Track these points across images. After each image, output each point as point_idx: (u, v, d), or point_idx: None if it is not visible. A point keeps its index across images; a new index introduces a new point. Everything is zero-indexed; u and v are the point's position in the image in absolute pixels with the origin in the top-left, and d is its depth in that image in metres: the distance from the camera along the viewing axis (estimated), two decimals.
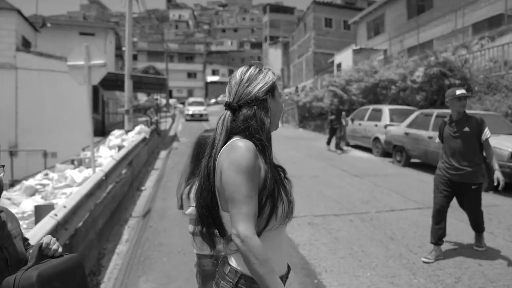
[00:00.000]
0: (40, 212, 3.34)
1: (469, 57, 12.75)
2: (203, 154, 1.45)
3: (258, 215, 1.26)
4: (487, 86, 10.90)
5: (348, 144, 13.52)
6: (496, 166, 3.74)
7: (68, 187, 6.34)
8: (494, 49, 12.07)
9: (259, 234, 1.25)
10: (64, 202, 3.82)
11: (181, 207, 2.24)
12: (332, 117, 12.41)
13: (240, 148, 1.26)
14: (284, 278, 1.38)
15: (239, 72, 1.44)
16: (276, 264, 1.29)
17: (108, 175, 5.76)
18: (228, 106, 1.40)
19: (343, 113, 12.63)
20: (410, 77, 12.86)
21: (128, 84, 12.52)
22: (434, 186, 4.01)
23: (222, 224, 1.36)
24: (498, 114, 9.03)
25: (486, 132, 3.80)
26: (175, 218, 5.47)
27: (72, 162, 9.40)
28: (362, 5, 33.74)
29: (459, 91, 3.83)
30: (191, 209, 2.01)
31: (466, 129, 3.80)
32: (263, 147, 1.31)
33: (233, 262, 1.33)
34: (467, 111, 4.12)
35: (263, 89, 1.37)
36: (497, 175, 3.66)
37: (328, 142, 12.73)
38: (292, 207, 1.35)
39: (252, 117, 1.33)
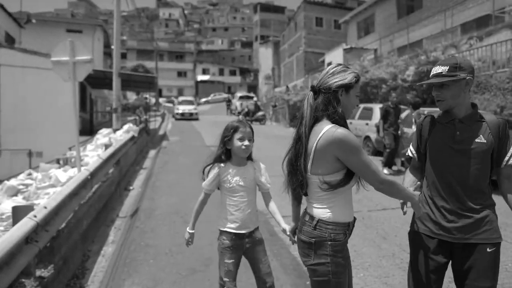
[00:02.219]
0: (18, 213, 3.17)
1: (458, 57, 12.81)
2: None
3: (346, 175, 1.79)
4: (476, 85, 10.95)
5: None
6: None
7: (52, 187, 6.14)
8: (482, 49, 12.15)
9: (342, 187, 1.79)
10: (45, 202, 3.65)
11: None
12: None
13: (345, 134, 1.75)
14: (351, 225, 1.85)
15: (330, 66, 1.90)
16: (347, 211, 1.84)
17: (93, 174, 5.59)
18: (312, 88, 1.88)
19: None
20: (401, 76, 12.89)
21: (116, 82, 12.29)
22: (410, 252, 2.19)
23: (307, 184, 1.84)
24: (487, 113, 9.05)
25: None
26: (163, 218, 5.33)
27: (58, 161, 9.17)
28: (352, 4, 33.88)
29: (435, 69, 2.03)
30: (204, 183, 2.41)
31: (480, 138, 1.94)
32: (342, 124, 1.79)
33: (312, 211, 1.83)
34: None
35: (338, 83, 1.79)
36: None
37: None
38: None
39: (328, 103, 1.80)
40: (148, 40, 56.25)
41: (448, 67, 1.93)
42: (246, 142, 2.33)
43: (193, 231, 2.49)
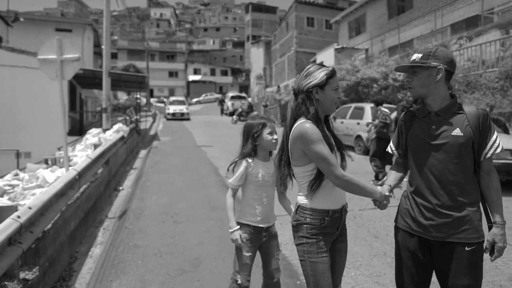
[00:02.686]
0: (1, 214, 3.08)
1: None
2: (247, 134, 2.46)
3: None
4: (466, 84, 11.04)
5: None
6: (498, 216, 1.91)
7: (39, 187, 6.02)
8: (472, 49, 12.26)
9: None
10: (29, 203, 3.56)
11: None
12: None
13: (306, 127, 1.91)
14: (331, 212, 1.96)
15: (306, 68, 2.05)
16: (327, 199, 1.97)
17: (81, 174, 5.49)
18: (293, 91, 2.04)
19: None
20: (392, 75, 12.95)
21: (106, 81, 12.14)
22: (395, 249, 2.17)
23: (295, 176, 2.06)
24: None
25: (494, 141, 1.91)
26: (152, 218, 5.25)
27: (46, 161, 9.01)
28: (343, 5, 33.98)
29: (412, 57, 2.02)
30: (230, 180, 2.46)
31: (457, 131, 1.87)
32: (316, 124, 1.92)
33: (297, 198, 2.04)
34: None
35: (310, 84, 1.95)
36: (495, 236, 1.89)
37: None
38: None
39: (303, 103, 1.96)
40: (139, 40, 55.94)
41: (422, 55, 1.91)
42: (276, 136, 2.41)
43: (238, 227, 2.39)
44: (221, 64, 62.89)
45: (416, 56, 1.93)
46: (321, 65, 2.04)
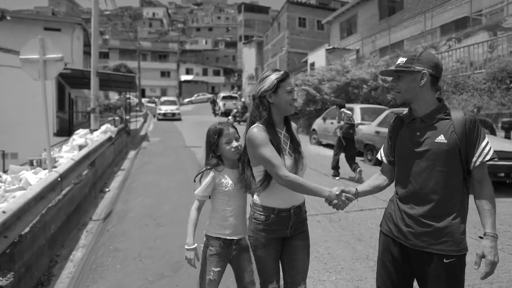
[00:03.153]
0: None
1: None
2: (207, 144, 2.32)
3: None
4: (454, 85, 11.10)
5: (320, 144, 13.53)
6: (489, 227, 1.78)
7: (21, 189, 5.91)
8: (460, 50, 12.34)
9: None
10: (4, 207, 3.48)
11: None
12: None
13: (253, 132, 2.03)
14: (277, 211, 2.06)
15: (262, 73, 2.17)
16: (276, 198, 2.08)
17: (64, 176, 5.40)
18: (253, 97, 2.15)
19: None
20: (381, 76, 12.99)
21: (94, 81, 11.99)
22: (378, 252, 2.13)
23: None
24: None
25: (483, 148, 1.80)
26: (135, 220, 5.18)
27: (31, 163, 8.87)
28: (336, 5, 34.05)
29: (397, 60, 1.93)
30: (197, 191, 2.30)
31: (441, 138, 1.80)
32: (265, 127, 2.03)
33: (254, 197, 2.15)
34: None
35: (261, 90, 2.06)
36: (484, 248, 1.76)
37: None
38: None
39: (257, 109, 2.08)
40: (130, 40, 55.56)
41: (406, 59, 1.86)
42: (234, 143, 2.25)
43: (195, 245, 2.22)
44: (213, 64, 62.74)
45: (400, 60, 1.87)
46: (275, 70, 2.11)
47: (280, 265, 2.17)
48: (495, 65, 9.51)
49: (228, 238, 2.25)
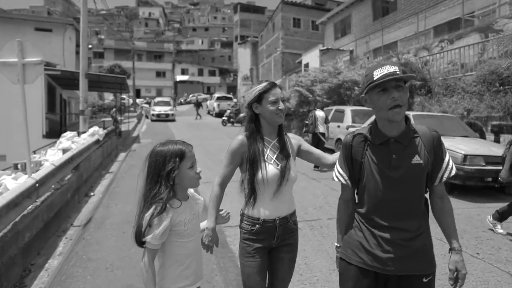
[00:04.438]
0: None
1: (429, 59, 12.94)
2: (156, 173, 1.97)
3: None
4: (445, 88, 11.04)
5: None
6: (456, 241, 1.78)
7: None
8: (452, 52, 12.29)
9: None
10: None
11: None
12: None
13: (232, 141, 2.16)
14: (261, 221, 2.07)
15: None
16: (261, 209, 2.09)
17: (42, 182, 5.29)
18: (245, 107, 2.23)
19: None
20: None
21: (82, 83, 11.87)
22: (339, 282, 1.91)
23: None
24: (455, 116, 9.12)
25: (448, 162, 1.77)
26: (112, 228, 5.07)
27: (16, 167, 8.72)
28: (331, 6, 34.00)
29: (385, 69, 1.65)
30: (150, 239, 1.70)
31: (416, 159, 1.70)
32: (249, 137, 2.11)
33: (242, 206, 2.18)
34: (411, 115, 2.39)
35: (249, 100, 2.14)
36: (457, 263, 1.74)
37: None
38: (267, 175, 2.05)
39: (245, 118, 2.19)
40: (126, 40, 55.33)
41: (400, 67, 1.64)
42: (198, 168, 1.82)
43: None
44: (209, 64, 62.61)
45: (394, 69, 1.62)
46: (265, 81, 2.18)
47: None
48: (485, 68, 9.45)
49: None
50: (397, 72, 1.62)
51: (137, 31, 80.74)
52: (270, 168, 2.04)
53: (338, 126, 11.66)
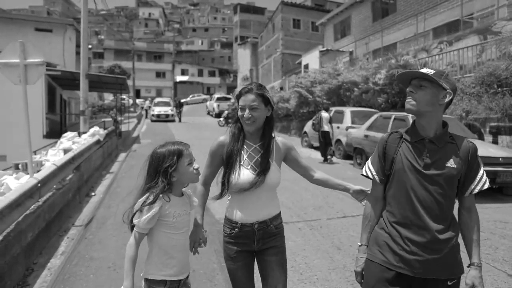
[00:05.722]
0: None
1: (428, 60, 13.01)
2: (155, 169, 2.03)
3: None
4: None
5: (312, 147, 13.52)
6: (477, 257, 1.80)
7: (1, 195, 5.83)
8: (451, 53, 12.35)
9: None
10: None
11: None
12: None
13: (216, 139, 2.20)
14: (240, 225, 2.06)
15: None
16: (239, 212, 2.08)
17: (44, 182, 5.34)
18: None
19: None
20: (372, 79, 12.97)
21: (83, 83, 11.92)
22: (364, 280, 1.92)
23: None
24: (453, 117, 9.18)
25: (482, 176, 1.79)
26: (114, 228, 5.11)
27: (17, 167, 8.77)
28: (331, 7, 34.06)
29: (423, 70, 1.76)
30: (138, 221, 1.90)
31: (451, 163, 1.75)
32: (231, 137, 2.13)
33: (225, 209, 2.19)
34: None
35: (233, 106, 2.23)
36: (474, 279, 1.76)
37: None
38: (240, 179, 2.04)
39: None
40: (126, 40, 55.37)
41: (434, 71, 1.74)
42: (196, 165, 1.96)
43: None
44: (209, 65, 62.67)
45: (427, 71, 1.73)
46: (247, 83, 2.18)
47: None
48: (483, 70, 9.51)
49: (174, 279, 1.92)
50: (428, 73, 1.72)
51: (137, 31, 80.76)
52: (245, 172, 2.01)
53: (338, 127, 11.72)
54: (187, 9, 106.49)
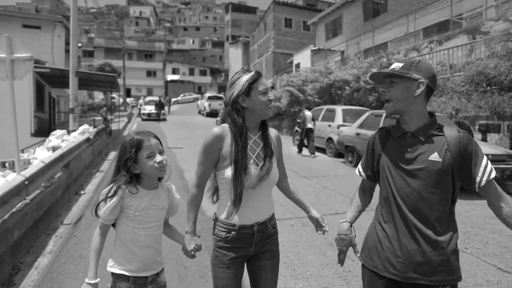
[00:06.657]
0: None
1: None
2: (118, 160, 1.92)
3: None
4: None
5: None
6: None
7: None
8: (441, 53, 12.46)
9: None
10: None
11: None
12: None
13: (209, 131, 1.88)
14: (237, 227, 1.86)
15: (231, 76, 1.97)
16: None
17: (32, 179, 5.23)
18: (224, 103, 1.97)
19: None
20: (364, 78, 13.03)
21: (72, 81, 11.76)
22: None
23: None
24: (444, 115, 9.25)
25: (485, 166, 1.64)
26: None
27: (3, 165, 8.63)
28: (322, 6, 34.18)
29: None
30: (100, 212, 1.88)
31: (434, 156, 1.64)
32: (235, 136, 1.84)
33: (216, 211, 1.97)
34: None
35: (234, 95, 1.87)
36: None
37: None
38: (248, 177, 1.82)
39: (227, 116, 1.90)
40: (116, 38, 54.89)
41: (403, 64, 1.68)
42: (159, 158, 1.81)
43: (97, 280, 1.84)
44: (200, 64, 62.44)
45: (396, 65, 1.69)
46: (246, 71, 1.94)
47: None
48: (472, 68, 9.61)
49: (137, 275, 1.83)
50: (395, 69, 1.69)
51: (128, 30, 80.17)
52: (249, 168, 1.83)
53: (329, 126, 11.75)
54: (178, 8, 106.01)
